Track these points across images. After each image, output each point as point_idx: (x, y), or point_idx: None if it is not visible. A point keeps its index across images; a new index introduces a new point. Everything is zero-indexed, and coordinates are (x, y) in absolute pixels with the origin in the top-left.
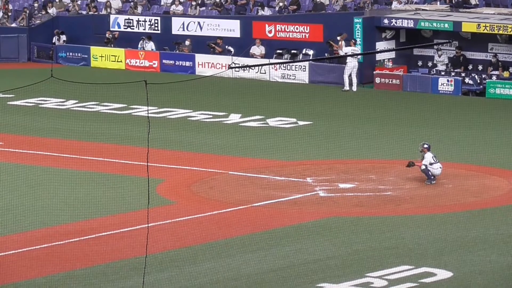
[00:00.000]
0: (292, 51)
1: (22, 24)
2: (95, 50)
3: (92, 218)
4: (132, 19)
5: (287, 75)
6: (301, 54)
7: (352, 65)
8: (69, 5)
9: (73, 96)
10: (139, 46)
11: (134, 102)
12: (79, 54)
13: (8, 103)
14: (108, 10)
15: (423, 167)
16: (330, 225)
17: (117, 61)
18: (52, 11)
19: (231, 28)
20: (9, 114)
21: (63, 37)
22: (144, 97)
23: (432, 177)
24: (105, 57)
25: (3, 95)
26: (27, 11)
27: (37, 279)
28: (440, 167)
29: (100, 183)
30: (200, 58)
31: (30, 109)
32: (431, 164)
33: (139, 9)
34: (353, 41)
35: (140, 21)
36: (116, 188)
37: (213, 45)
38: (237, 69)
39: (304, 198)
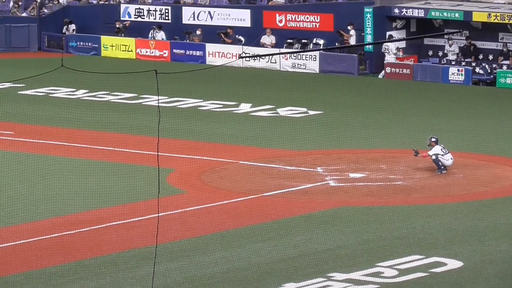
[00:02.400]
0: (303, 41)
1: (32, 14)
2: (105, 40)
3: (102, 207)
4: (143, 9)
5: (298, 64)
6: (311, 44)
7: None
8: None
9: (84, 86)
10: (150, 35)
11: (144, 91)
12: (89, 44)
13: (18, 92)
14: None
15: (434, 157)
16: (341, 215)
17: (128, 51)
18: (63, 0)
19: (241, 17)
20: (19, 103)
21: (72, 27)
22: (154, 86)
23: (443, 167)
24: (115, 46)
25: (14, 85)
26: (38, 1)
27: (47, 268)
28: (451, 158)
29: (111, 172)
30: (210, 47)
31: (41, 99)
32: (441, 155)
33: None
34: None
35: (151, 10)
36: (127, 178)
37: (223, 36)
38: (247, 59)
39: (315, 187)
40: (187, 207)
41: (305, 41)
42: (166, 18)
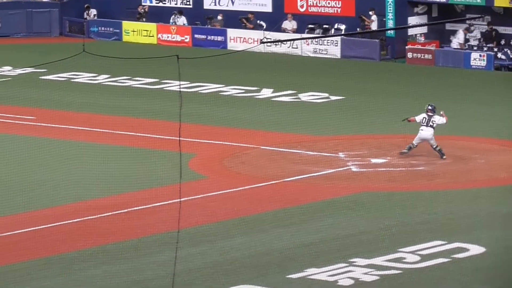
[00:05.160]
0: (324, 26)
1: None
2: (127, 25)
3: (124, 192)
4: None
5: (319, 50)
6: (333, 29)
7: None
8: None
9: (105, 71)
10: (171, 20)
11: (166, 76)
12: (111, 29)
13: (40, 77)
14: None
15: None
16: (363, 200)
17: (149, 36)
18: None
19: (262, 2)
20: (41, 88)
21: (93, 12)
22: (176, 72)
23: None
24: (137, 31)
25: (35, 70)
26: None
27: (68, 253)
28: (427, 130)
29: (132, 157)
30: (231, 32)
31: (62, 84)
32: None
33: None
34: None
35: None
36: (148, 163)
37: (245, 21)
38: (269, 44)
39: (336, 173)
40: (209, 192)
41: (327, 26)
42: (187, 3)
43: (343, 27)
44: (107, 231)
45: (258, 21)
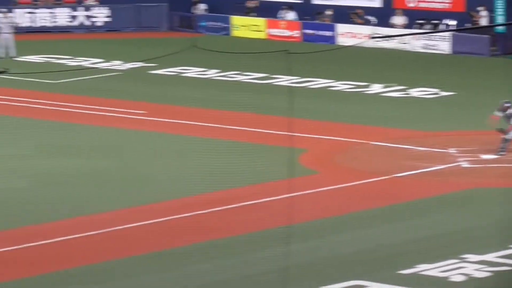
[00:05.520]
0: (434, 21)
1: None
2: (235, 20)
3: (234, 187)
4: None
5: (429, 45)
6: (443, 25)
7: None
8: None
9: (215, 66)
10: (280, 15)
11: (275, 71)
12: (219, 24)
13: (149, 72)
14: None
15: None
16: (473, 196)
17: (258, 31)
18: None
19: None
20: (150, 83)
21: (202, 6)
22: (285, 67)
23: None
24: (246, 26)
25: (145, 64)
26: None
27: (178, 247)
28: None
29: (242, 152)
30: (341, 28)
31: (172, 78)
32: None
33: None
34: None
35: None
36: (258, 157)
37: (354, 16)
38: (378, 39)
39: (447, 169)
40: (320, 187)
41: (436, 21)
42: None
43: (453, 22)
44: (217, 226)
45: (367, 17)
